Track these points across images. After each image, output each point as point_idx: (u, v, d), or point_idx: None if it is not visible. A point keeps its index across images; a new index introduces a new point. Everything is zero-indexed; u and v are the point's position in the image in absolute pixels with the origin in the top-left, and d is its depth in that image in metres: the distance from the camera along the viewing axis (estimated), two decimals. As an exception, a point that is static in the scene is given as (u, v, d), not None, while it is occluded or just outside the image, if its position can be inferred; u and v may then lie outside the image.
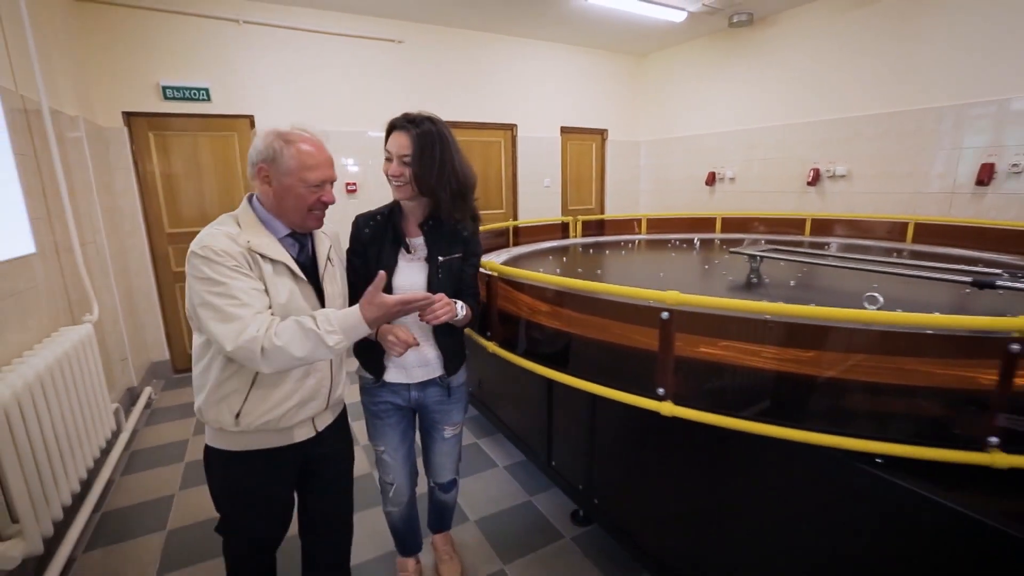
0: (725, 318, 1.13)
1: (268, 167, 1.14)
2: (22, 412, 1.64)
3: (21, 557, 1.59)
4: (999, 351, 0.89)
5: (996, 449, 0.93)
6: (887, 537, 1.01)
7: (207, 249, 1.07)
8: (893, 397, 1.02)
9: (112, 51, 3.34)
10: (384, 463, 1.58)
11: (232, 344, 1.03)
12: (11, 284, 1.95)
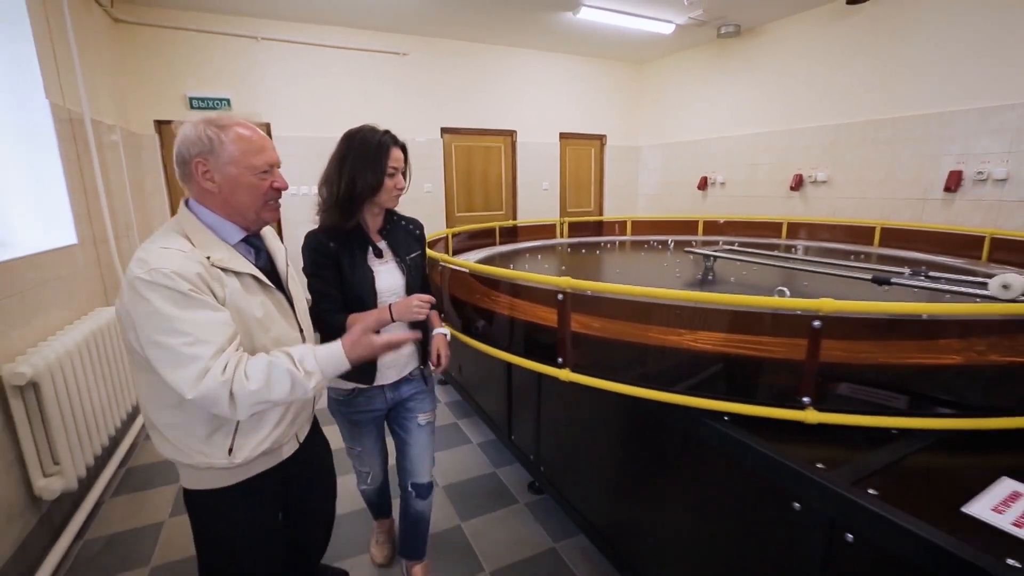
0: (611, 300, 1.37)
1: (206, 160, 0.99)
2: (63, 373, 1.99)
3: (60, 491, 1.93)
4: (807, 327, 1.12)
5: (810, 407, 1.15)
6: (730, 479, 1.24)
7: (156, 272, 0.90)
8: (737, 366, 1.25)
9: (145, 66, 3.75)
10: (362, 458, 1.65)
11: (192, 391, 0.89)
12: (57, 270, 2.32)
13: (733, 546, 1.23)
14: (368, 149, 1.35)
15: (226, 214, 1.05)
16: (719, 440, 1.20)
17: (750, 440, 1.13)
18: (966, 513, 0.88)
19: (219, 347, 0.93)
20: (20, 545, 1.79)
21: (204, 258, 0.97)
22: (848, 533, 0.95)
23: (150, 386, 1.00)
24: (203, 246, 1.00)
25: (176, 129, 1.05)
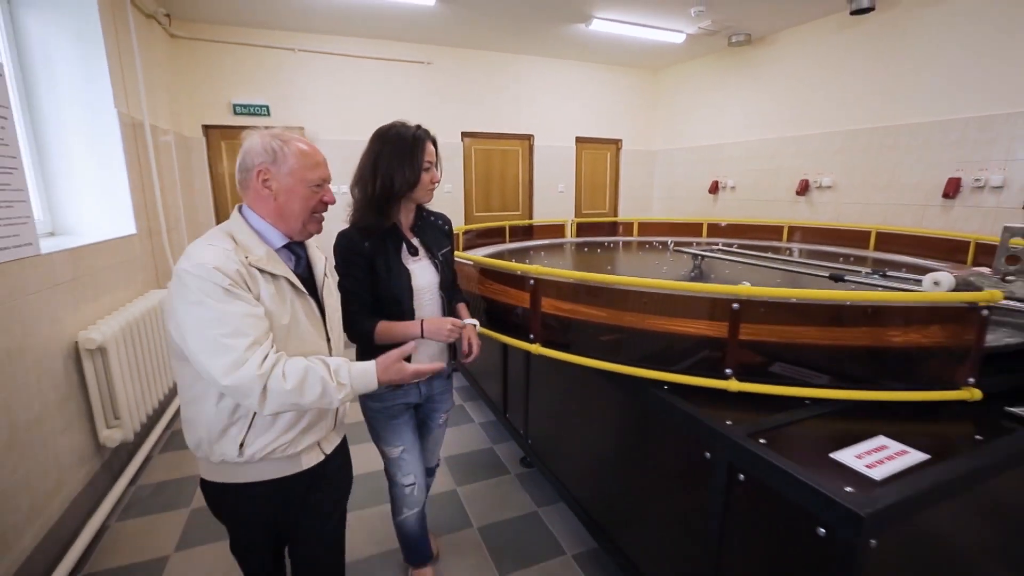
0: (573, 285, 1.60)
1: (269, 169, 1.07)
2: (124, 342, 2.35)
3: (119, 441, 2.29)
4: (728, 310, 1.32)
5: (732, 378, 1.35)
6: (666, 436, 1.45)
7: (200, 267, 0.96)
8: (675, 342, 1.46)
9: (195, 76, 4.17)
10: (403, 462, 1.58)
11: (226, 379, 0.93)
12: (119, 255, 2.70)
13: (670, 491, 1.44)
14: (404, 145, 1.35)
15: (274, 220, 1.11)
16: (659, 405, 1.42)
17: (679, 403, 1.35)
18: (832, 458, 1.08)
19: (255, 340, 0.96)
20: (89, 482, 2.15)
21: (243, 257, 1.02)
22: (741, 473, 1.16)
23: (181, 378, 1.08)
24: (245, 247, 1.05)
25: (245, 140, 1.10)
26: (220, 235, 1.06)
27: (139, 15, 3.32)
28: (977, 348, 1.27)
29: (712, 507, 1.24)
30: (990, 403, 1.31)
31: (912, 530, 1.06)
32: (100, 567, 1.92)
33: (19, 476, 1.71)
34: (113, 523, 2.17)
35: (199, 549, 2.02)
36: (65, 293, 2.12)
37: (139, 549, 2.02)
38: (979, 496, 1.19)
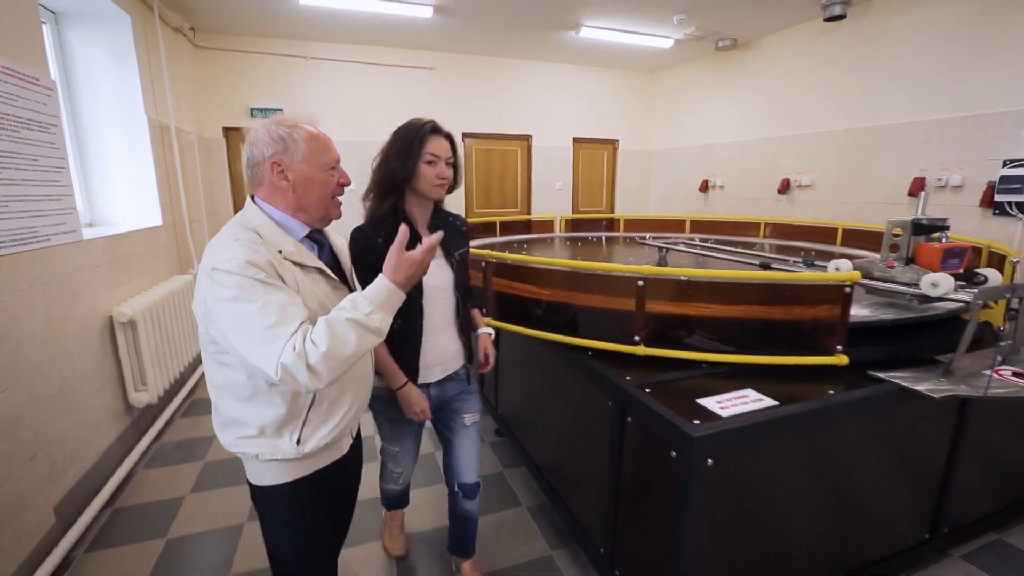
0: (523, 268, 1.89)
1: (282, 160, 1.03)
2: (151, 318, 2.71)
3: (145, 403, 2.65)
4: (634, 287, 1.59)
5: (640, 344, 1.62)
6: (590, 397, 1.72)
7: (234, 262, 0.93)
8: (598, 315, 1.73)
9: (216, 82, 4.55)
10: (398, 459, 1.64)
11: (277, 372, 0.90)
12: (148, 244, 3.08)
13: (591, 442, 1.72)
14: (408, 136, 1.37)
15: (293, 211, 1.08)
16: (581, 367, 1.69)
17: (595, 365, 1.62)
18: (698, 403, 1.35)
19: (297, 326, 0.94)
20: (119, 436, 2.52)
21: (276, 252, 1.00)
22: (629, 416, 1.43)
23: (225, 379, 1.04)
24: (272, 240, 1.02)
25: (250, 133, 1.06)
26: (241, 229, 1.02)
27: (167, 29, 3.70)
28: (843, 320, 1.51)
29: (612, 446, 1.51)
30: (863, 368, 1.55)
31: (752, 457, 1.32)
32: (128, 503, 2.28)
33: (66, 423, 2.08)
34: (140, 470, 2.53)
35: (211, 492, 2.36)
36: (102, 274, 2.49)
37: (161, 491, 2.37)
38: (821, 435, 1.44)
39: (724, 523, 1.33)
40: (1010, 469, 1.96)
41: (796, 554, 1.54)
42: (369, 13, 3.98)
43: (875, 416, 1.51)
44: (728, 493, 1.30)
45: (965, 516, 1.84)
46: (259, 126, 1.06)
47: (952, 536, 1.84)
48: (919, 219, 1.76)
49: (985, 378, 1.49)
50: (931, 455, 1.69)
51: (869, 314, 1.68)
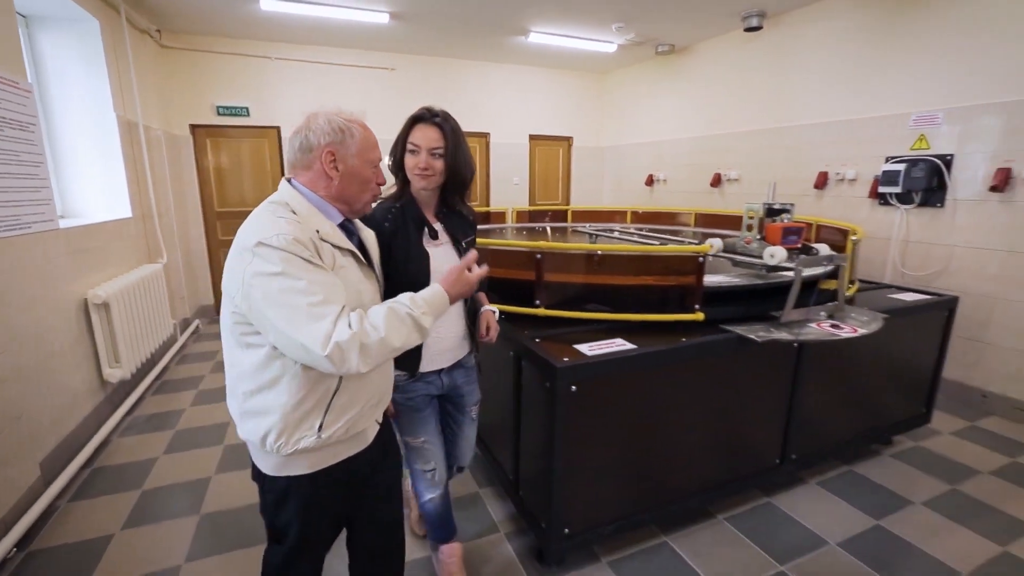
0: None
1: (335, 150, 1.06)
2: (124, 301, 2.96)
3: (119, 378, 2.90)
4: (532, 259, 1.94)
5: (541, 307, 1.97)
6: (502, 355, 2.05)
7: (282, 238, 0.94)
8: (510, 284, 2.07)
9: (183, 82, 4.75)
10: (425, 452, 1.57)
11: (325, 348, 0.90)
12: (118, 234, 3.31)
13: (500, 386, 2.06)
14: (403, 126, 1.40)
15: (332, 199, 1.10)
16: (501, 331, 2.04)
17: (505, 326, 1.97)
18: (574, 348, 1.70)
19: (342, 306, 0.96)
20: (95, 407, 2.77)
21: (314, 231, 1.01)
22: (523, 360, 1.79)
23: (250, 363, 1.03)
24: (309, 221, 1.03)
25: (311, 120, 1.07)
26: (280, 208, 1.03)
27: (134, 31, 3.89)
28: (698, 285, 1.89)
29: (513, 388, 1.87)
30: (720, 323, 1.93)
31: (614, 387, 1.68)
32: (106, 464, 2.55)
33: (47, 393, 2.33)
34: (115, 438, 2.79)
35: (183, 453, 2.64)
36: (77, 260, 2.73)
37: (135, 454, 2.64)
38: (680, 373, 1.82)
39: (591, 440, 1.70)
40: (848, 408, 2.38)
41: (666, 468, 1.92)
42: (327, 18, 4.24)
43: (725, 358, 1.90)
44: (593, 415, 1.67)
45: (810, 446, 2.26)
46: (322, 115, 1.07)
47: (800, 463, 2.25)
48: (770, 204, 2.15)
49: (808, 328, 1.89)
50: (777, 392, 2.09)
51: (723, 280, 2.07)
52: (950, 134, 3.22)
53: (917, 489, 2.37)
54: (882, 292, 2.66)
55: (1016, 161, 2.92)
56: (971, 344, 3.22)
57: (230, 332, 1.05)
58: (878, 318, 2.01)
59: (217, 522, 2.12)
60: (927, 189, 3.30)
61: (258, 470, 1.14)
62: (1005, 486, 2.41)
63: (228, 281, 1.00)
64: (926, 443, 2.79)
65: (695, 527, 2.09)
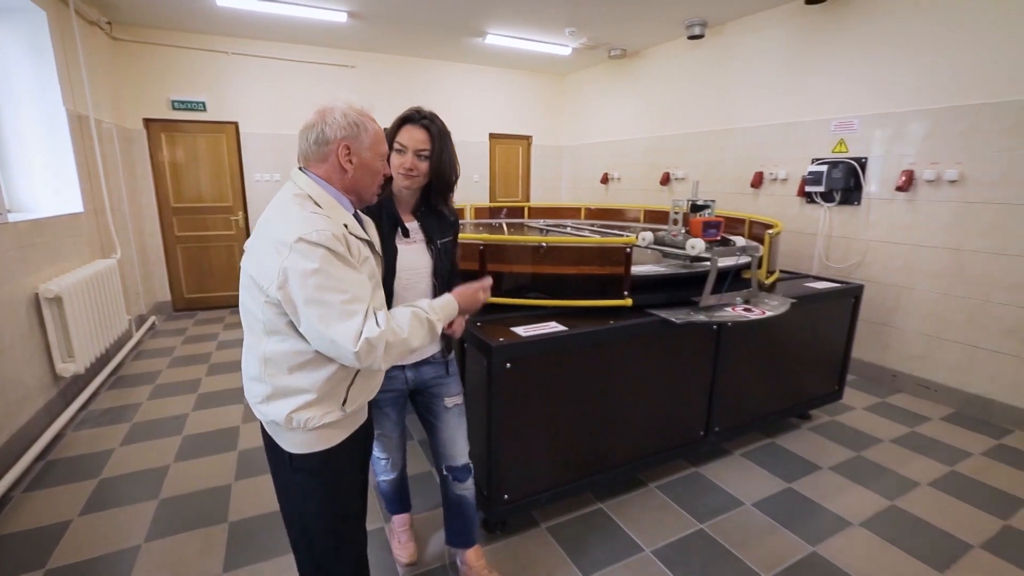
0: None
1: (352, 144, 1.10)
2: (76, 296, 2.96)
3: (73, 372, 2.91)
4: (478, 252, 2.10)
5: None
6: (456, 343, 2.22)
7: (321, 234, 0.98)
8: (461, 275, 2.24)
9: (136, 75, 4.68)
10: (382, 441, 1.63)
11: (355, 344, 0.97)
12: (70, 229, 3.29)
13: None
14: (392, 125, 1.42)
15: (346, 191, 1.14)
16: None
17: (452, 312, 2.12)
18: (511, 330, 1.88)
19: (368, 304, 1.02)
20: (48, 402, 2.77)
21: (342, 226, 1.05)
22: (465, 343, 1.95)
23: (275, 351, 1.06)
24: (333, 214, 1.06)
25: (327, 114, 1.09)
26: (306, 201, 1.06)
27: (83, 23, 3.84)
28: (626, 273, 2.09)
29: (462, 368, 2.03)
30: (647, 308, 2.14)
31: (547, 364, 1.86)
32: (60, 456, 2.57)
33: (-2, 381, 2.35)
34: (69, 432, 2.81)
35: (141, 444, 2.69)
36: (28, 254, 2.73)
37: (91, 446, 2.67)
38: (610, 352, 2.02)
39: (527, 413, 1.87)
40: (767, 385, 2.65)
41: (599, 440, 2.11)
42: (284, 16, 4.27)
43: (650, 339, 2.11)
44: (528, 391, 1.85)
45: (732, 419, 2.51)
46: (337, 107, 1.10)
47: (723, 435, 2.50)
48: (694, 200, 2.38)
49: (724, 311, 2.13)
50: (701, 370, 2.32)
51: (652, 270, 2.28)
52: (864, 139, 3.55)
53: (827, 456, 2.66)
54: (799, 281, 2.95)
55: (918, 164, 3.27)
56: (883, 329, 3.58)
57: (259, 320, 1.06)
58: (787, 303, 2.26)
59: (177, 505, 2.20)
60: (846, 189, 3.63)
61: (281, 454, 1.15)
62: (902, 452, 2.73)
63: (260, 272, 1.02)
64: (840, 417, 3.11)
65: (628, 495, 2.31)
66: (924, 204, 3.27)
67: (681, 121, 5.04)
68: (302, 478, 1.17)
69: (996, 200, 2.94)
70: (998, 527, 2.14)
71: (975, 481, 2.46)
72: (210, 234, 5.22)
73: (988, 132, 2.94)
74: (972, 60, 2.99)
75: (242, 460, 2.56)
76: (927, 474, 2.51)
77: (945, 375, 3.28)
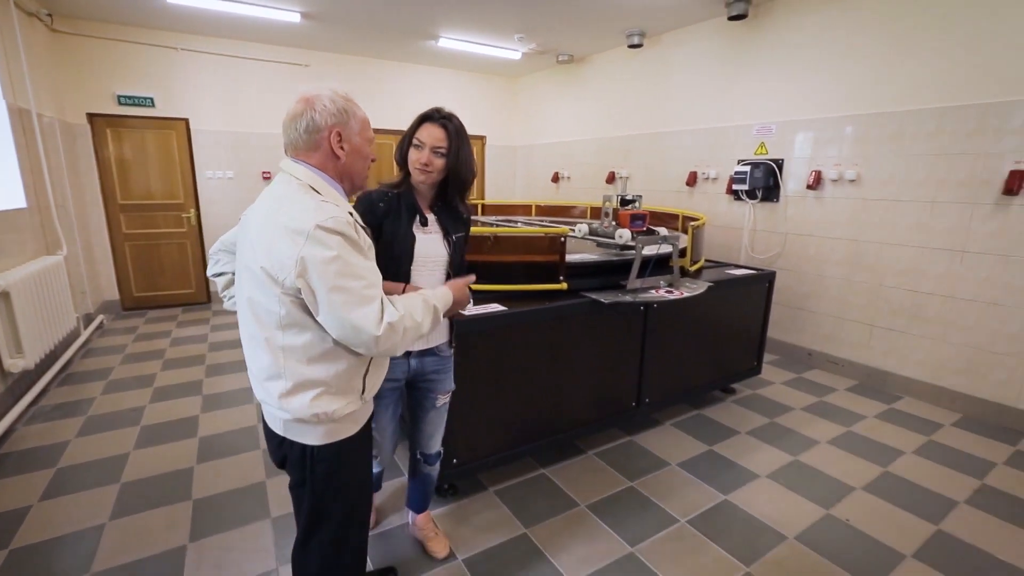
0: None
1: (343, 130, 1.10)
2: (25, 291, 2.95)
3: (21, 368, 2.90)
4: (430, 241, 2.30)
5: (436, 282, 2.34)
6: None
7: (338, 221, 0.99)
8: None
9: (79, 68, 4.58)
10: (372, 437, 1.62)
11: (378, 328, 0.98)
12: (12, 225, 3.25)
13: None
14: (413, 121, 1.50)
15: (338, 178, 1.15)
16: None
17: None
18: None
19: (381, 288, 1.04)
20: (-3, 396, 2.76)
21: (347, 213, 1.04)
22: (418, 324, 2.14)
23: (292, 343, 1.06)
24: (338, 201, 1.08)
25: (315, 101, 1.09)
26: (305, 188, 1.07)
27: (22, 14, 3.75)
28: (562, 260, 2.34)
29: (413, 349, 2.22)
30: (581, 292, 2.39)
31: (488, 343, 2.08)
32: (13, 450, 2.58)
33: (-53, 375, 2.35)
34: (20, 427, 2.80)
35: (98, 435, 2.72)
36: (-28, 248, 2.71)
37: (45, 439, 2.68)
38: (547, 330, 2.26)
39: (472, 385, 2.09)
40: (692, 361, 2.97)
41: (539, 409, 2.35)
42: (237, 15, 4.30)
43: (584, 319, 2.36)
44: (472, 365, 2.05)
45: (662, 392, 2.81)
46: (323, 94, 1.10)
47: (654, 406, 2.80)
48: (623, 195, 2.66)
49: (648, 293, 2.41)
50: (630, 347, 2.60)
51: (586, 257, 2.54)
52: (781, 142, 3.97)
53: (745, 423, 3.01)
54: (722, 269, 3.30)
55: (825, 166, 3.70)
56: (799, 312, 4.01)
57: (273, 314, 1.05)
58: (704, 285, 2.58)
59: (140, 487, 2.29)
60: (766, 187, 4.04)
61: (299, 449, 1.15)
62: (809, 417, 3.11)
63: (273, 263, 1.01)
64: (761, 391, 3.48)
65: (568, 461, 2.56)
66: (830, 201, 3.70)
67: (625, 124, 5.38)
68: (324, 469, 1.17)
69: (886, 197, 3.39)
70: (879, 472, 2.52)
71: (866, 438, 2.86)
72: (161, 231, 5.15)
73: (878, 138, 3.39)
74: (864, 75, 3.42)
75: (203, 445, 2.65)
76: (827, 434, 2.90)
77: (849, 351, 3.73)
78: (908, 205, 3.29)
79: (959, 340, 3.16)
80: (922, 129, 3.18)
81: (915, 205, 3.26)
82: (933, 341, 3.28)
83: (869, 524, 2.14)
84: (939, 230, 3.17)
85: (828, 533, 2.08)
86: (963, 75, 2.98)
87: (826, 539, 2.04)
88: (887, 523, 2.15)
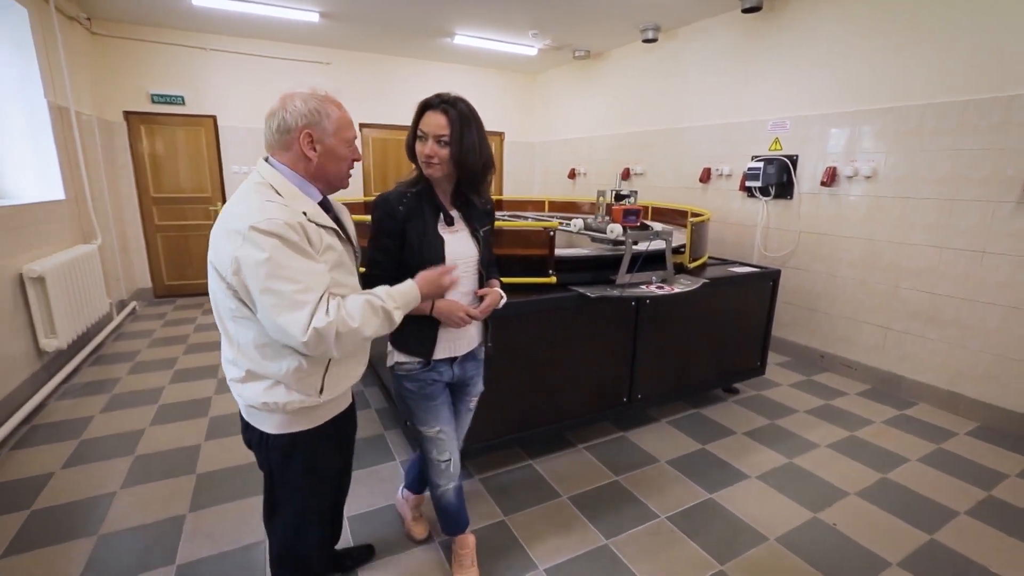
0: (361, 224, 2.63)
1: (314, 131, 1.09)
2: (59, 277, 3.18)
3: (55, 348, 3.13)
4: (422, 235, 2.36)
5: (428, 274, 2.41)
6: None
7: (274, 223, 0.98)
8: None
9: (116, 69, 4.86)
10: (440, 442, 1.55)
11: (304, 334, 0.98)
12: (52, 215, 3.50)
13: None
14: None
15: (311, 178, 1.14)
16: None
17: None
18: (444, 302, 2.14)
19: (321, 294, 1.01)
20: (31, 376, 3.00)
21: (300, 213, 1.04)
22: (405, 314, 2.21)
23: (245, 337, 1.09)
24: (294, 202, 1.07)
25: (287, 101, 1.09)
26: (266, 190, 1.06)
27: (63, 19, 4.02)
28: (550, 254, 2.37)
29: (402, 338, 2.29)
30: (569, 286, 2.42)
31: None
32: (44, 421, 2.80)
33: (-15, 351, 2.57)
34: (52, 402, 3.04)
35: (120, 411, 2.93)
36: (11, 238, 2.94)
37: (72, 413, 2.90)
38: (537, 323, 2.29)
39: (460, 376, 2.14)
40: (688, 357, 2.94)
41: (528, 400, 2.39)
42: (260, 16, 4.48)
43: (574, 313, 2.38)
44: (459, 355, 2.11)
45: (654, 388, 2.80)
46: (298, 96, 1.10)
47: (646, 401, 2.79)
48: (618, 190, 2.66)
49: (638, 289, 2.41)
50: (622, 341, 2.60)
51: (576, 252, 2.56)
52: (795, 138, 3.86)
53: (744, 424, 2.97)
54: (726, 266, 3.25)
55: (840, 162, 3.58)
56: (812, 313, 3.90)
57: (223, 306, 1.09)
58: (698, 282, 2.56)
59: (151, 460, 2.45)
60: (779, 184, 3.94)
61: (257, 434, 1.20)
62: (812, 420, 3.04)
63: (218, 259, 1.04)
64: (766, 392, 3.42)
65: (557, 453, 2.59)
66: (845, 198, 3.58)
67: (640, 120, 5.32)
68: (277, 457, 1.21)
69: (903, 195, 3.26)
70: (877, 478, 2.45)
71: (869, 443, 2.78)
72: (189, 223, 5.43)
73: (895, 134, 3.26)
74: (883, 68, 3.29)
75: (212, 424, 2.81)
76: (828, 438, 2.83)
77: (863, 354, 3.61)
78: (926, 203, 3.15)
79: (978, 345, 3.02)
80: (943, 124, 3.04)
81: (934, 203, 3.12)
82: (951, 346, 3.14)
83: (857, 530, 2.09)
84: (958, 229, 3.03)
85: (812, 536, 2.04)
86: (989, 66, 2.84)
87: (808, 542, 2.01)
88: (877, 530, 2.09)
